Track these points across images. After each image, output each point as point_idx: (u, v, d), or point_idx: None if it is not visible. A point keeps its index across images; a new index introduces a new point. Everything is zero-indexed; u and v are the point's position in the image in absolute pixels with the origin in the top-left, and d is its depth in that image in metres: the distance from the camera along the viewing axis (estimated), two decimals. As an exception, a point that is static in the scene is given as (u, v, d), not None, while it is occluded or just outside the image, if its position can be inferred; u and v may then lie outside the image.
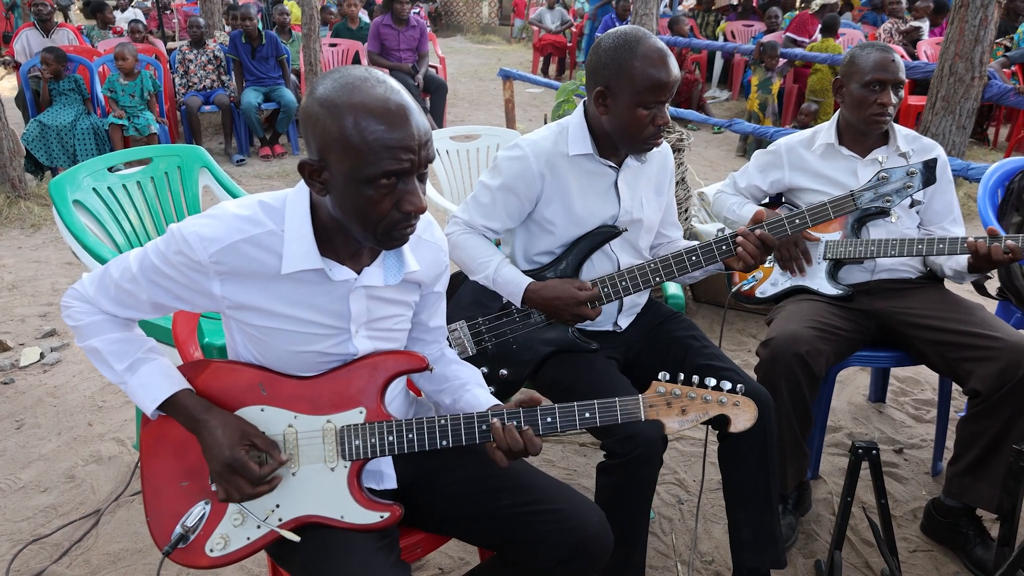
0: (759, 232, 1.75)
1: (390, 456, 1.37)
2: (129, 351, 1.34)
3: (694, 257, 1.80)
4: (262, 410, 1.33)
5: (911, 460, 2.54)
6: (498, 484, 1.42)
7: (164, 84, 6.30)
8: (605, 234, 1.83)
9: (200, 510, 1.32)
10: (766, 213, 1.83)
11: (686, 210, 3.47)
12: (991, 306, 2.37)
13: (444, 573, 2.04)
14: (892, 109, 2.09)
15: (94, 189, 2.48)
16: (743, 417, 1.34)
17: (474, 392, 1.45)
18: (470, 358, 1.83)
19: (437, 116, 7.09)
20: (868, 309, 2.14)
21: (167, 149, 2.77)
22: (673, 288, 2.42)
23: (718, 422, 1.36)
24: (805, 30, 8.12)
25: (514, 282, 1.80)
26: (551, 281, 1.81)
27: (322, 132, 1.14)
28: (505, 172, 1.80)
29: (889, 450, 2.59)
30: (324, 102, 1.14)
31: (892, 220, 2.08)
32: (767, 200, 2.38)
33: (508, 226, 1.88)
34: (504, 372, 1.85)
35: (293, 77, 6.83)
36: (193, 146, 2.81)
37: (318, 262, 1.25)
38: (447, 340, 1.61)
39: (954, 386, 2.30)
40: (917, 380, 3.03)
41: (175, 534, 1.31)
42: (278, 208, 1.26)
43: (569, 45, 11.03)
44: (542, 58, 11.06)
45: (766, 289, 2.26)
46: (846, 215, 1.94)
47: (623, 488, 1.67)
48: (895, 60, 2.07)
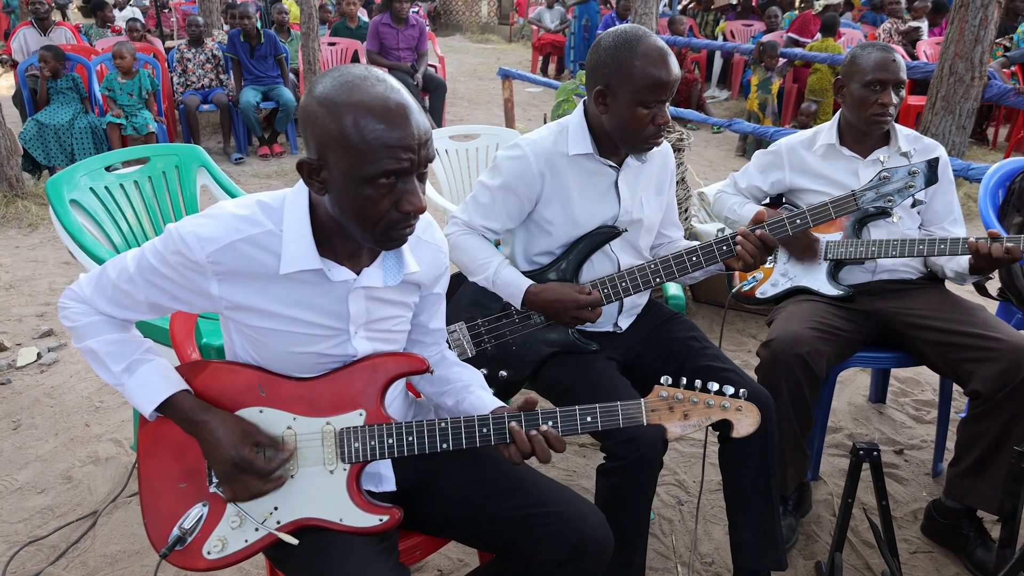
0: (760, 232, 1.74)
1: (389, 458, 1.36)
2: (126, 352, 1.33)
3: (694, 257, 1.79)
4: (261, 411, 1.32)
5: (911, 461, 2.54)
6: (498, 487, 1.41)
7: (162, 83, 6.29)
8: (605, 234, 1.82)
9: (198, 512, 1.32)
10: (767, 213, 1.82)
11: (686, 210, 3.47)
12: (992, 307, 2.36)
13: (443, 575, 2.04)
14: (893, 109, 2.08)
15: (91, 189, 2.47)
16: (746, 422, 1.33)
17: (478, 394, 1.44)
18: (469, 359, 1.82)
19: (436, 115, 7.08)
20: (869, 310, 2.14)
21: (165, 148, 2.75)
22: (673, 289, 2.41)
23: (720, 425, 1.35)
24: (808, 30, 8.10)
25: (514, 284, 1.79)
26: (551, 284, 1.80)
27: (321, 131, 1.13)
28: (505, 172, 1.79)
29: (889, 451, 2.58)
30: (324, 101, 1.13)
31: (894, 220, 2.08)
32: (768, 200, 2.37)
33: (508, 226, 1.87)
34: (504, 373, 1.84)
35: (292, 76, 6.82)
36: (191, 145, 2.80)
37: (317, 262, 1.24)
38: (446, 342, 1.60)
39: (954, 386, 2.30)
40: (917, 381, 3.02)
41: (172, 536, 1.31)
42: (276, 208, 1.25)
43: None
44: (541, 57, 11.05)
45: (766, 290, 2.26)
46: (847, 215, 1.93)
47: (623, 490, 1.66)
48: (896, 60, 2.07)
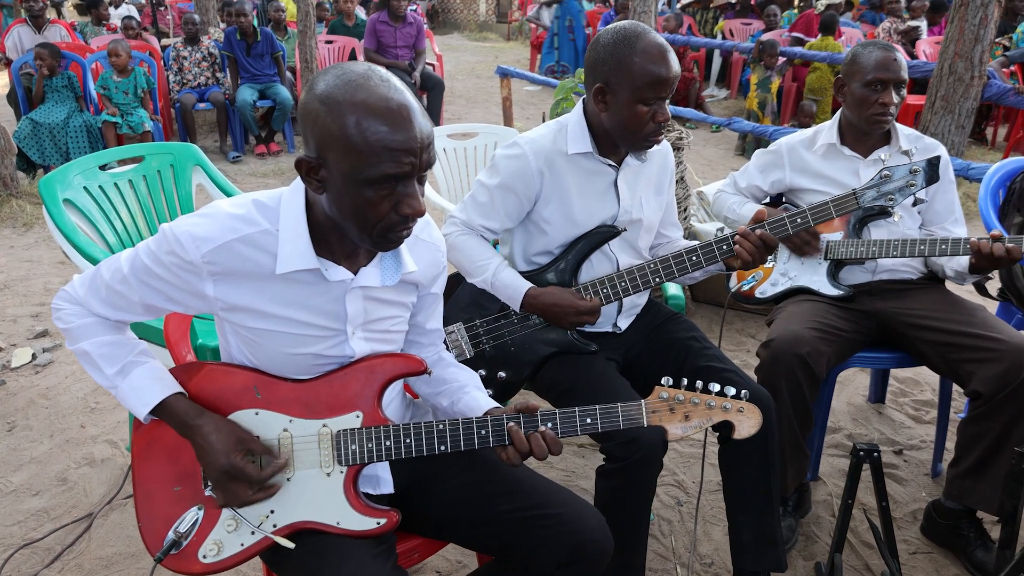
0: (760, 232, 1.73)
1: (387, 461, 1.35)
2: (120, 354, 1.31)
3: (694, 257, 1.78)
4: (256, 414, 1.31)
5: (911, 461, 2.53)
6: (497, 489, 1.40)
7: (158, 81, 6.26)
8: (604, 234, 1.81)
9: (193, 515, 1.30)
10: (767, 212, 1.81)
11: (685, 209, 3.46)
12: (992, 307, 2.36)
13: (441, 577, 2.02)
14: (894, 109, 2.07)
15: (85, 188, 2.44)
16: (748, 423, 1.32)
17: (473, 395, 1.43)
18: (467, 360, 1.81)
19: (434, 114, 7.07)
20: (869, 310, 2.13)
21: (160, 147, 2.72)
22: (673, 289, 2.40)
23: (720, 426, 1.34)
24: (812, 30, 8.04)
25: (513, 286, 1.77)
26: (551, 288, 1.78)
27: (322, 129, 1.12)
28: (503, 171, 1.77)
29: (889, 451, 2.58)
30: (325, 99, 1.11)
31: (895, 219, 2.07)
32: (767, 200, 2.36)
33: (507, 226, 1.85)
34: (503, 374, 1.83)
35: (289, 74, 6.80)
36: (186, 144, 2.77)
37: (314, 262, 1.23)
38: (444, 343, 1.59)
39: (953, 387, 2.29)
40: (917, 381, 3.01)
41: (167, 540, 1.29)
42: (273, 207, 1.24)
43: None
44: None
45: (766, 289, 2.25)
46: (848, 214, 1.92)
47: (623, 492, 1.65)
48: (897, 59, 2.06)
